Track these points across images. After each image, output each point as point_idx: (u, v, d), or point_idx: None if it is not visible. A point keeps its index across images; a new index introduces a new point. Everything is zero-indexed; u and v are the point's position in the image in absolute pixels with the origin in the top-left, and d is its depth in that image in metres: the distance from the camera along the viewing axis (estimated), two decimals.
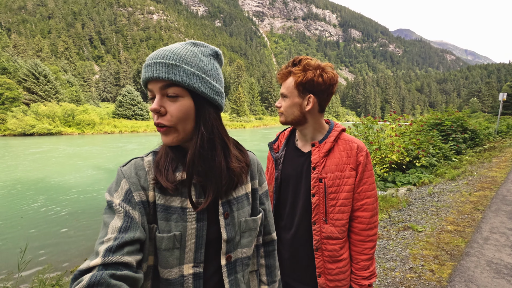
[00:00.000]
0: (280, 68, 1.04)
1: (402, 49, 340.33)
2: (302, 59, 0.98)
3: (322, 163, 1.01)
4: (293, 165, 1.09)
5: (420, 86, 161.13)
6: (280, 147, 1.17)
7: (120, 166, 0.65)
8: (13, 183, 9.92)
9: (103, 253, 0.49)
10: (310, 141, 1.08)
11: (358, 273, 1.03)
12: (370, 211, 1.01)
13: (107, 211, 0.58)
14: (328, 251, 1.01)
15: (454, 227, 3.41)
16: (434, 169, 6.66)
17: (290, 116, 1.03)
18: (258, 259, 0.83)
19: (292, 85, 0.99)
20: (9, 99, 35.04)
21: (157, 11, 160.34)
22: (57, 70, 50.83)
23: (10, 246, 4.79)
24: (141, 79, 0.61)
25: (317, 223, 1.01)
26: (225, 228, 0.68)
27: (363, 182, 1.00)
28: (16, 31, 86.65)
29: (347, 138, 1.04)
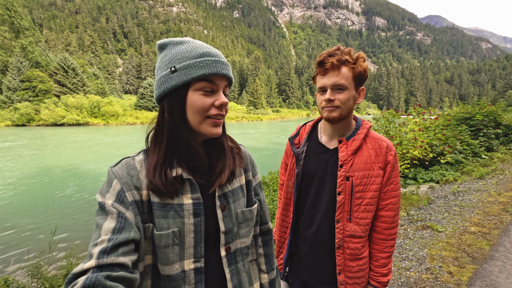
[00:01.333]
0: (323, 58, 0.94)
1: (432, 38, 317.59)
2: (347, 50, 0.94)
3: (350, 161, 0.98)
4: (317, 161, 1.06)
5: (450, 77, 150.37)
6: (302, 141, 1.12)
7: (110, 166, 0.64)
8: (53, 169, 10.77)
9: (97, 255, 0.49)
10: (337, 137, 1.03)
11: (377, 270, 1.03)
12: (394, 210, 1.00)
13: (99, 212, 0.57)
14: (350, 249, 1.00)
15: (478, 229, 3.22)
16: (461, 167, 6.27)
17: (346, 110, 0.96)
18: (257, 248, 0.86)
19: (350, 76, 0.93)
20: (42, 91, 37.60)
21: (177, 3, 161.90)
22: (84, 64, 53.53)
23: (44, 227, 5.23)
24: (205, 70, 0.62)
25: (340, 222, 1.00)
26: (223, 220, 0.70)
27: (390, 182, 0.98)
28: (47, 27, 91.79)
29: (375, 136, 1.02)
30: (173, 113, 0.64)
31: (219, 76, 0.64)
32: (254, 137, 23.98)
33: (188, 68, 0.61)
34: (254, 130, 29.53)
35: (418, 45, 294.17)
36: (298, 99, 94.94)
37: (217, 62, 0.63)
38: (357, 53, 0.94)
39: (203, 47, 0.65)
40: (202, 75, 0.61)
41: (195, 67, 0.61)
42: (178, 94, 0.63)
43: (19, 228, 5.28)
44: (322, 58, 0.94)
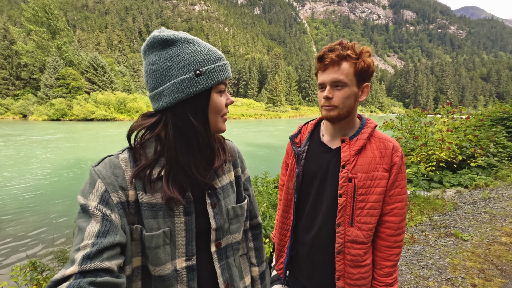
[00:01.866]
0: (323, 53, 0.89)
1: (466, 31, 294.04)
2: (350, 44, 0.89)
3: (353, 162, 0.93)
4: (318, 161, 1.01)
5: (486, 73, 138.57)
6: (303, 140, 1.07)
7: (92, 166, 0.61)
8: (86, 161, 11.54)
9: (79, 261, 0.47)
10: (339, 136, 0.98)
11: (381, 279, 0.97)
12: (400, 216, 0.94)
13: (81, 215, 0.55)
14: (352, 255, 0.95)
15: (510, 239, 2.95)
16: (494, 171, 5.78)
17: (345, 108, 0.90)
18: (247, 243, 0.87)
19: (351, 72, 0.87)
20: (75, 88, 40.30)
21: (199, 1, 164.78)
22: (112, 62, 56.46)
23: (72, 216, 5.62)
24: (224, 74, 0.66)
25: (341, 226, 0.94)
26: (214, 218, 0.69)
27: (396, 185, 0.93)
28: (79, 27, 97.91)
29: (381, 136, 0.96)
30: (197, 117, 0.63)
31: (227, 79, 0.69)
32: (273, 134, 23.95)
33: (213, 72, 0.63)
34: (273, 128, 29.49)
35: (450, 39, 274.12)
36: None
37: (227, 66, 0.67)
38: (361, 47, 0.88)
39: (216, 50, 0.67)
40: (224, 78, 0.65)
41: (218, 71, 0.64)
42: (203, 97, 0.63)
43: (51, 215, 5.72)
44: (322, 53, 0.89)
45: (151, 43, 0.61)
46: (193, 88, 0.61)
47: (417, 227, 3.34)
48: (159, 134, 0.64)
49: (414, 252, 2.74)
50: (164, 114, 0.62)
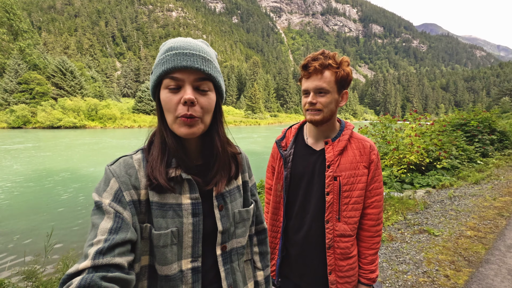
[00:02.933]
0: (307, 61, 0.96)
1: (427, 45, 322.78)
2: (332, 54, 0.96)
3: (337, 161, 1.00)
4: (304, 163, 1.07)
5: (445, 84, 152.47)
6: (288, 144, 1.13)
7: (107, 165, 0.62)
8: (53, 172, 10.65)
9: (92, 256, 0.48)
10: (322, 139, 1.06)
11: (366, 267, 1.05)
12: (379, 207, 1.04)
13: (95, 212, 0.56)
14: (341, 248, 1.01)
15: (474, 233, 3.25)
16: (457, 172, 6.34)
17: (328, 113, 0.99)
18: (252, 248, 0.87)
19: (333, 80, 0.95)
20: (39, 93, 37.45)
21: (176, 8, 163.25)
22: (82, 67, 53.51)
23: (39, 230, 5.16)
24: (164, 66, 0.59)
25: (330, 222, 1.01)
26: (221, 220, 0.70)
27: (374, 180, 1.02)
28: (45, 29, 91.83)
29: (359, 136, 1.05)
30: (157, 112, 0.66)
31: (183, 70, 0.59)
32: (256, 140, 24.16)
33: (156, 67, 0.61)
34: (256, 134, 29.78)
35: (414, 52, 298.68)
36: (296, 104, 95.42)
37: (177, 55, 0.59)
38: (341, 57, 0.97)
39: (172, 42, 0.62)
40: (163, 71, 0.59)
41: (159, 64, 0.60)
42: (155, 94, 0.64)
43: (16, 231, 5.20)
44: (306, 61, 0.97)
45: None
46: (150, 85, 0.64)
47: (393, 226, 3.55)
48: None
49: (392, 249, 2.91)
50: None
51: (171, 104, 0.60)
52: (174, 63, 0.58)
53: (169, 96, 0.60)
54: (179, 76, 0.59)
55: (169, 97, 0.60)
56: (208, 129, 0.69)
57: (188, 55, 0.59)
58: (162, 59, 0.60)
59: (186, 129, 0.62)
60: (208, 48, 0.66)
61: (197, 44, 0.63)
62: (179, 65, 0.58)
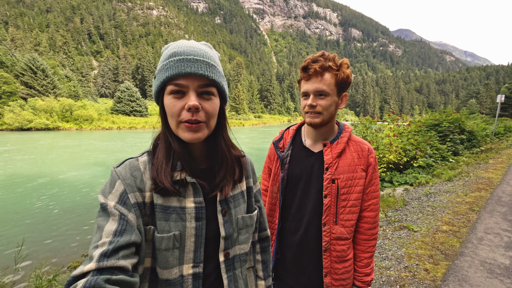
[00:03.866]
0: (307, 63, 0.95)
1: (402, 49, 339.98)
2: (332, 56, 0.94)
3: (335, 164, 0.99)
4: (302, 165, 1.06)
5: (419, 86, 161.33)
6: (286, 145, 1.11)
7: (113, 167, 0.63)
8: (24, 178, 9.89)
9: (97, 258, 0.49)
10: (320, 141, 1.05)
11: (361, 270, 1.05)
12: (375, 210, 1.04)
13: (101, 213, 0.56)
14: (337, 251, 1.01)
15: (449, 227, 3.45)
16: (431, 170, 6.71)
17: (328, 115, 0.98)
18: (255, 255, 0.86)
19: (333, 83, 0.94)
20: (6, 93, 34.75)
21: (157, 6, 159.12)
22: (55, 65, 50.39)
23: (8, 241, 4.78)
24: (168, 72, 0.59)
25: (327, 224, 1.00)
26: (224, 226, 0.69)
27: (371, 183, 1.02)
28: (13, 25, 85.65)
29: (357, 139, 1.05)
30: (161, 116, 0.66)
31: (187, 76, 0.59)
32: (244, 142, 24.09)
33: (159, 72, 0.61)
34: (244, 135, 29.75)
35: (390, 56, 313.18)
36: (279, 105, 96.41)
37: (182, 61, 0.59)
38: (341, 60, 0.96)
39: (175, 47, 0.62)
40: (167, 78, 0.59)
41: (163, 70, 0.60)
42: (159, 99, 0.64)
43: None
44: (306, 63, 0.95)
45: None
46: (153, 89, 0.65)
47: None
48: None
49: (376, 246, 3.01)
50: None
51: (174, 109, 0.60)
52: (178, 70, 0.58)
53: (173, 102, 0.60)
54: (183, 82, 0.59)
55: (173, 102, 0.60)
56: (213, 133, 0.69)
57: (192, 61, 0.59)
58: (166, 65, 0.60)
59: (190, 134, 0.62)
60: (211, 52, 0.66)
61: (201, 48, 0.63)
62: (183, 72, 0.58)
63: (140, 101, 48.75)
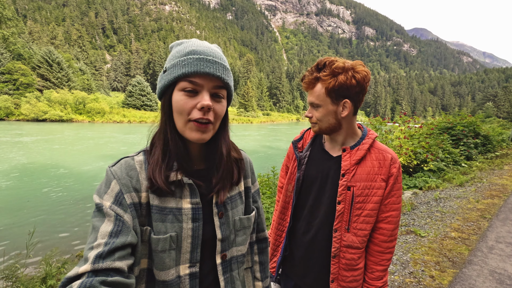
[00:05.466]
0: (303, 76, 0.97)
1: (417, 49, 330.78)
2: (327, 62, 0.91)
3: (353, 171, 0.96)
4: (319, 167, 1.04)
5: (433, 88, 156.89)
6: (305, 146, 1.11)
7: (109, 166, 0.62)
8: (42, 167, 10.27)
9: (92, 260, 0.48)
10: (340, 145, 1.02)
11: (372, 282, 1.01)
12: (394, 224, 0.98)
13: (96, 214, 0.56)
14: (346, 259, 0.99)
15: (458, 234, 3.35)
16: (442, 174, 6.53)
17: (325, 125, 0.98)
18: (253, 256, 0.85)
19: (323, 93, 0.92)
20: (24, 85, 35.96)
21: (170, 2, 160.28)
22: (70, 58, 51.69)
23: (22, 229, 4.97)
24: (185, 68, 0.59)
25: (338, 231, 0.98)
26: (220, 228, 0.68)
27: (391, 195, 0.96)
28: (31, 18, 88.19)
29: (380, 147, 1.00)
30: (164, 113, 0.64)
31: (203, 76, 0.59)
32: (256, 139, 24.31)
33: (173, 67, 0.60)
34: (257, 132, 29.97)
35: (404, 56, 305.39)
36: (288, 103, 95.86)
37: (200, 60, 0.59)
38: (342, 64, 0.88)
39: (194, 45, 0.61)
40: (183, 74, 0.58)
41: (178, 66, 0.59)
42: (167, 94, 0.62)
43: None
44: (303, 76, 0.98)
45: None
46: (160, 83, 0.63)
47: None
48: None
49: None
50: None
51: (186, 107, 0.60)
52: (196, 68, 0.58)
53: (184, 99, 0.60)
54: (199, 81, 0.59)
55: (184, 100, 0.59)
56: (215, 134, 0.69)
57: (211, 61, 0.60)
58: (183, 61, 0.59)
59: (198, 134, 0.62)
60: (224, 57, 0.66)
61: (217, 50, 0.64)
62: (201, 71, 0.58)
63: (150, 96, 49.48)
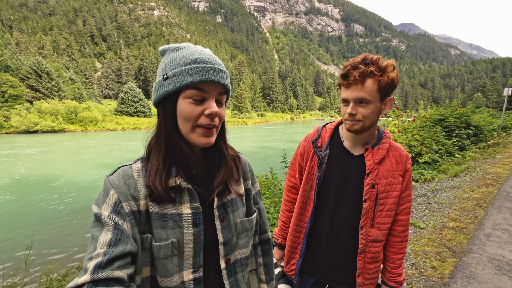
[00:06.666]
0: (347, 71, 0.90)
1: (406, 44, 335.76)
2: (374, 58, 0.89)
3: (376, 169, 1.00)
4: (340, 166, 1.05)
5: (423, 81, 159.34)
6: (323, 144, 1.10)
7: (107, 175, 0.62)
8: (34, 179, 10.07)
9: (91, 270, 0.48)
10: (360, 144, 1.04)
11: (394, 271, 1.07)
12: (409, 214, 1.07)
13: (95, 224, 0.56)
14: (372, 253, 1.04)
15: (456, 224, 3.41)
16: (437, 166, 6.63)
17: (370, 122, 0.95)
18: (257, 258, 0.85)
19: (375, 89, 0.89)
20: (13, 96, 35.24)
21: (158, 7, 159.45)
22: (59, 68, 50.93)
23: (17, 243, 4.87)
24: (193, 77, 0.60)
25: (364, 228, 1.02)
26: (221, 231, 0.68)
27: (407, 188, 1.04)
28: (17, 29, 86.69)
29: (396, 145, 1.07)
30: (166, 120, 0.63)
31: (210, 84, 0.61)
32: (254, 140, 24.25)
33: (178, 75, 0.60)
34: (254, 133, 29.96)
35: (394, 51, 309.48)
36: (282, 103, 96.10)
37: (207, 69, 0.61)
38: (386, 62, 0.90)
39: (196, 53, 0.62)
40: (191, 82, 0.59)
41: (185, 74, 0.60)
42: (170, 101, 0.62)
43: None
44: (345, 71, 0.91)
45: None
46: (160, 91, 0.62)
47: None
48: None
49: None
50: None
51: (194, 114, 0.61)
52: (205, 77, 0.60)
53: (192, 107, 0.61)
54: (207, 89, 0.61)
55: (192, 107, 0.61)
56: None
57: (217, 70, 0.62)
58: (190, 69, 0.60)
59: (206, 139, 0.63)
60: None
61: (216, 57, 0.66)
62: (210, 79, 0.60)
63: (143, 102, 49.02)
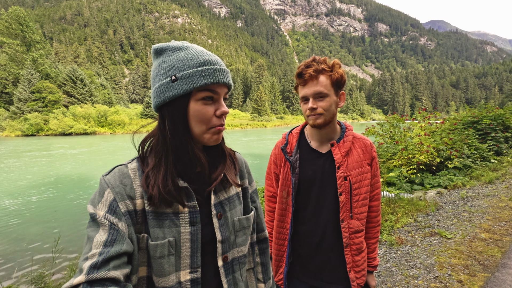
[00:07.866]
0: (301, 70, 1.01)
1: (435, 42, 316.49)
2: (323, 59, 0.99)
3: (345, 162, 1.04)
4: (313, 167, 1.07)
5: (455, 81, 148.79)
6: (293, 149, 1.12)
7: (102, 175, 0.61)
8: (71, 178, 10.92)
9: (87, 270, 0.48)
10: (326, 141, 1.08)
11: (371, 255, 1.14)
12: (379, 199, 1.13)
13: (90, 224, 0.55)
14: (356, 244, 1.06)
15: (489, 235, 3.11)
16: (469, 171, 6.12)
17: (330, 115, 1.02)
18: (254, 256, 0.85)
19: (329, 83, 0.98)
20: (51, 102, 38.60)
21: (182, 14, 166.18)
22: (91, 74, 54.88)
23: (50, 237, 5.26)
24: (206, 79, 0.60)
25: (344, 221, 1.04)
26: (219, 229, 0.68)
27: (375, 174, 1.11)
28: (57, 40, 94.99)
29: (359, 136, 1.12)
30: (175, 123, 0.62)
31: (220, 85, 0.63)
32: (267, 144, 24.30)
33: (190, 77, 0.59)
34: (276, 136, 30.12)
35: (421, 50, 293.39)
36: None
37: (218, 71, 0.62)
38: (332, 61, 1.00)
39: (203, 54, 0.63)
40: (205, 84, 0.60)
41: (197, 76, 0.59)
42: (180, 103, 0.61)
43: (26, 237, 5.33)
44: (300, 70, 1.00)
45: (151, 54, 0.67)
46: (168, 93, 0.60)
47: (403, 229, 3.44)
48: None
49: (402, 253, 2.81)
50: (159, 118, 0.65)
51: (207, 115, 0.62)
52: (217, 78, 0.61)
53: (205, 108, 0.62)
54: (217, 90, 0.63)
55: (205, 108, 0.62)
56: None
57: (224, 71, 0.64)
58: (203, 71, 0.60)
59: (217, 136, 0.66)
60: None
61: (219, 58, 0.67)
62: (221, 81, 0.62)
63: None
